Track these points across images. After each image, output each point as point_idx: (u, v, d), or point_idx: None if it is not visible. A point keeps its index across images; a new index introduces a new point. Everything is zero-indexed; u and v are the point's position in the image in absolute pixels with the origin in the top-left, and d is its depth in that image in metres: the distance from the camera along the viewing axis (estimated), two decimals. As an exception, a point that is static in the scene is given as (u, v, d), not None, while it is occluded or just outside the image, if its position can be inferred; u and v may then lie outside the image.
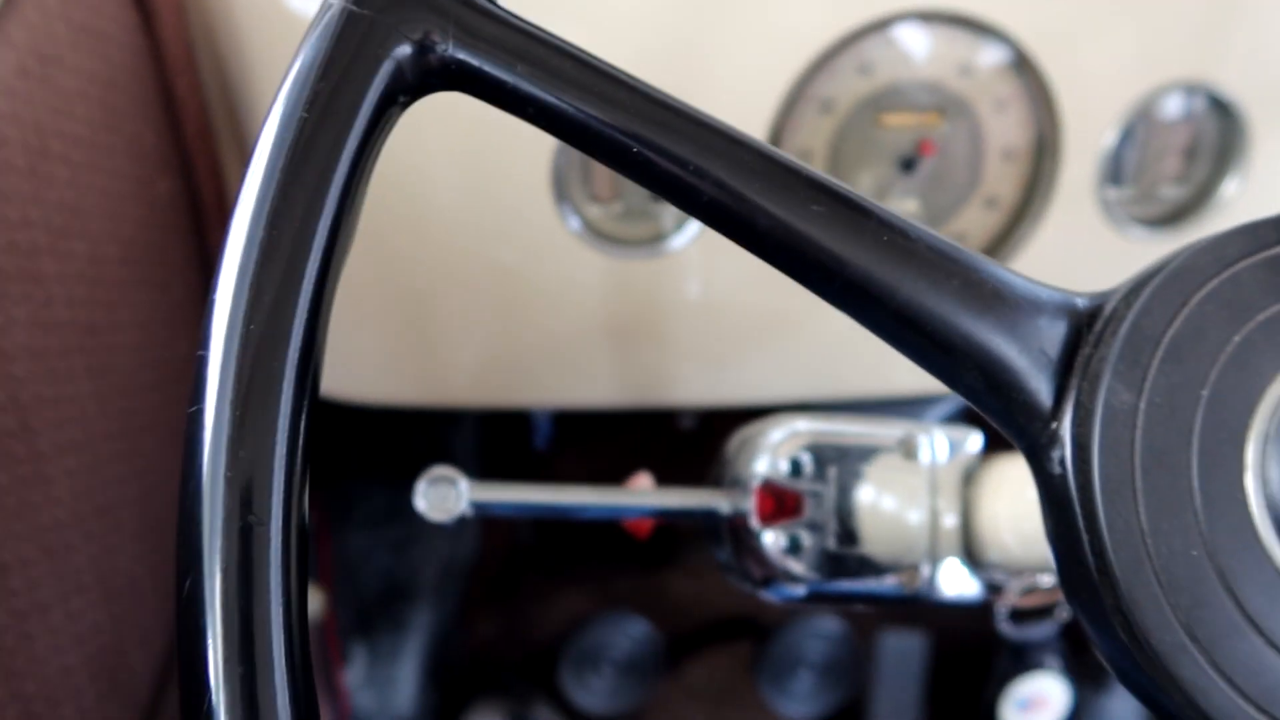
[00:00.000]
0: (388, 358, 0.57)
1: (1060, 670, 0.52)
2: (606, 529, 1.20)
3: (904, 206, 0.57)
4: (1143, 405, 0.28)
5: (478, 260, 0.54)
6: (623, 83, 0.27)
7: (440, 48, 0.26)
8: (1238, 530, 0.27)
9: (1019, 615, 0.50)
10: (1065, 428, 0.29)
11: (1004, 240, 0.58)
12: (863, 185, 0.56)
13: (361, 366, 0.57)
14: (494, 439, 1.04)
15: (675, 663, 1.15)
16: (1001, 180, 0.56)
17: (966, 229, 0.58)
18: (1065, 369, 0.29)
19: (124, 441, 0.45)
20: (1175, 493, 0.28)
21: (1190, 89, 0.56)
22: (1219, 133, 0.57)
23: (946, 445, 0.46)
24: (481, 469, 0.97)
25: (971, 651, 0.71)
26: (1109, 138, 0.55)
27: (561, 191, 0.53)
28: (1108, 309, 0.30)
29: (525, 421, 0.74)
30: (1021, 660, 0.52)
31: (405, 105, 0.27)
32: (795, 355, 0.59)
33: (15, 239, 0.37)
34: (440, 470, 0.43)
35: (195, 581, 0.23)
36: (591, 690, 1.11)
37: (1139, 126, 0.57)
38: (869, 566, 0.44)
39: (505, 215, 0.53)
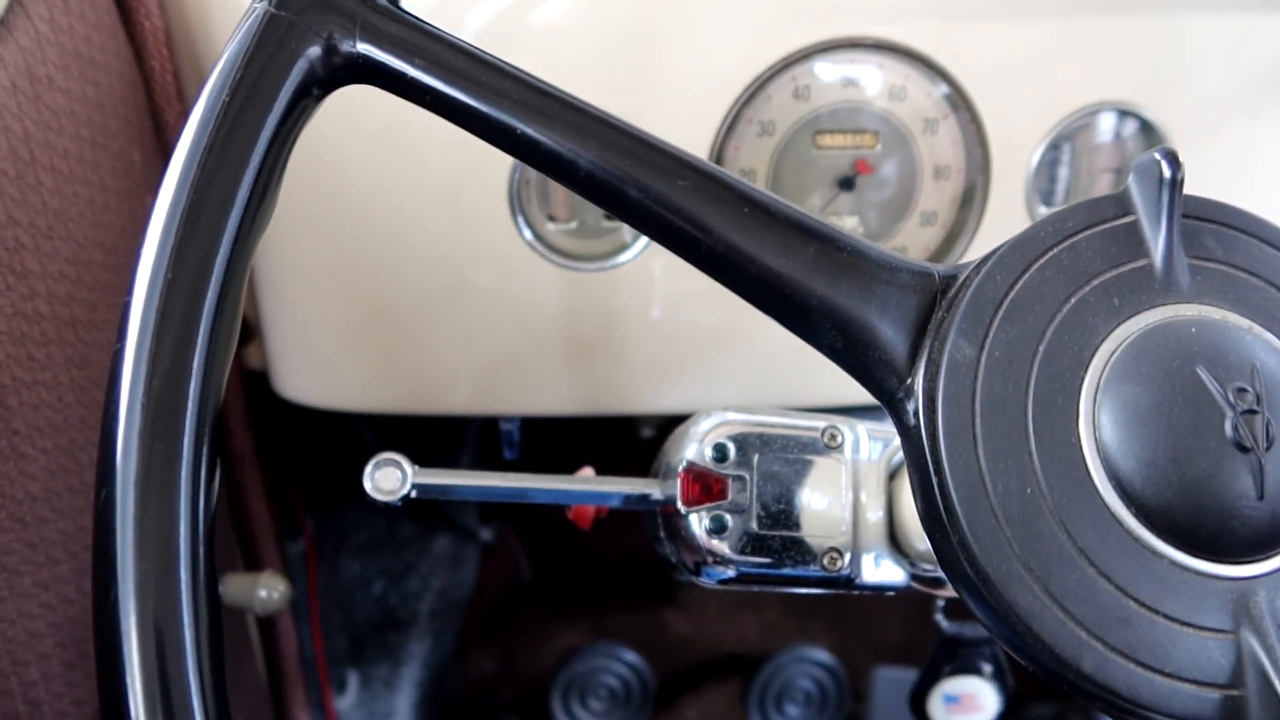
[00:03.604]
0: (360, 364, 0.60)
1: (993, 676, 0.54)
2: (604, 570, 1.22)
3: (845, 223, 0.60)
4: (983, 359, 0.31)
5: (442, 273, 0.58)
6: (508, 74, 0.31)
7: (347, 45, 0.30)
8: (1070, 472, 0.30)
9: (957, 610, 0.52)
10: (918, 382, 0.31)
11: (942, 255, 0.61)
12: (805, 203, 0.60)
13: (335, 372, 0.61)
14: (492, 466, 1.07)
15: (668, 696, 1.16)
16: (936, 197, 0.59)
17: (906, 243, 0.61)
18: (920, 330, 0.32)
19: (100, 429, 0.49)
20: (1011, 437, 0.30)
21: (1120, 112, 0.59)
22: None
23: (868, 440, 0.48)
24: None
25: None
26: (1035, 157, 0.58)
27: (518, 208, 0.57)
28: (961, 277, 0.33)
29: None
30: (955, 657, 0.54)
31: (319, 97, 0.31)
32: (749, 365, 0.62)
33: (1, 235, 0.41)
34: (387, 455, 0.46)
35: (109, 492, 0.26)
36: (583, 722, 1.12)
37: (1068, 147, 0.60)
38: (792, 548, 0.46)
39: (467, 230, 0.57)
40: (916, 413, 0.31)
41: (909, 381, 0.32)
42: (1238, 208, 0.33)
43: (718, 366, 0.62)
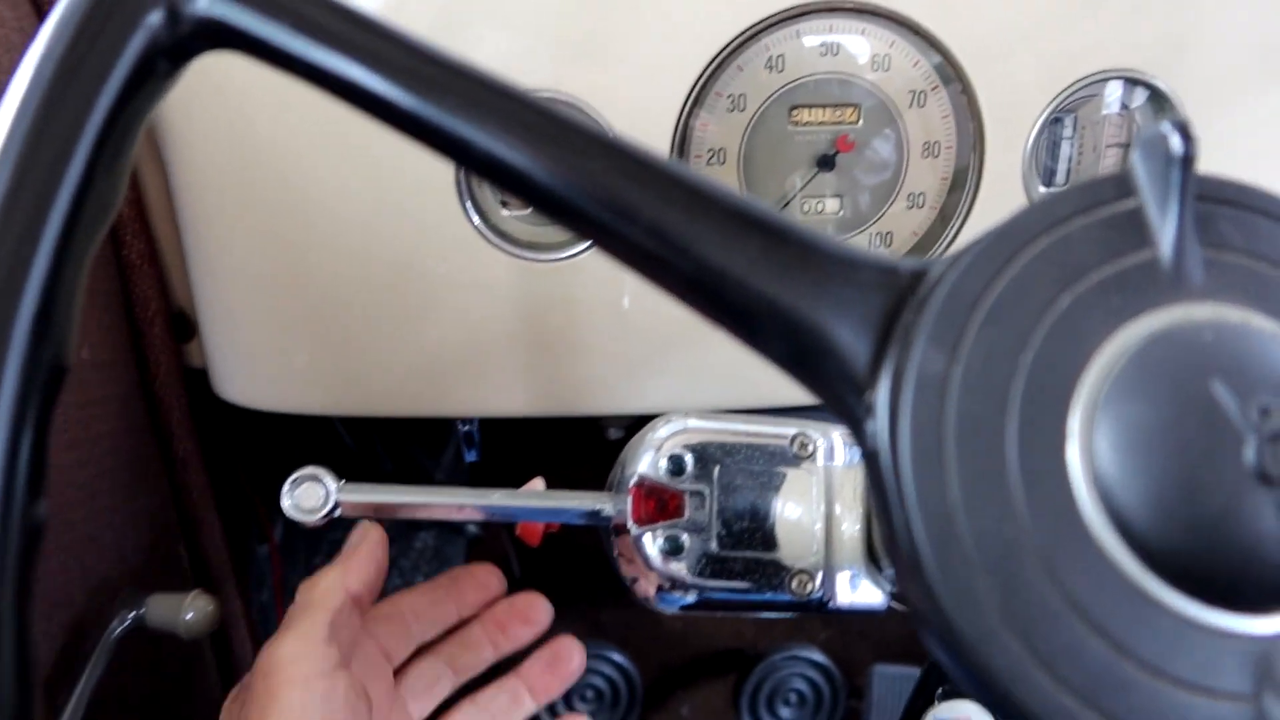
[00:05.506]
0: (300, 363, 0.56)
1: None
2: (597, 564, 1.18)
3: (826, 205, 0.55)
4: (957, 371, 0.26)
5: (386, 264, 0.53)
6: (391, 37, 0.26)
7: (192, 6, 0.26)
8: (1059, 507, 0.25)
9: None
10: (880, 398, 0.27)
11: (932, 240, 0.56)
12: (783, 184, 0.55)
13: (273, 371, 0.56)
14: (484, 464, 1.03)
15: (660, 696, 1.12)
16: (924, 177, 0.54)
17: (892, 228, 0.56)
18: (884, 336, 0.27)
19: None
20: (989, 465, 0.25)
21: (1128, 80, 0.54)
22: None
23: (844, 445, 0.43)
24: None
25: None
26: (1033, 132, 0.53)
27: (467, 192, 0.52)
28: (933, 274, 0.28)
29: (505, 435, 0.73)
30: (946, 679, 0.49)
31: (169, 71, 0.26)
32: (723, 361, 0.57)
33: None
34: (308, 470, 0.42)
35: None
36: (570, 724, 1.08)
37: (1070, 121, 0.55)
38: (756, 570, 0.42)
39: (411, 216, 0.52)
40: (877, 434, 0.26)
41: (870, 397, 0.27)
42: (1260, 189, 0.28)
43: (689, 363, 0.57)
